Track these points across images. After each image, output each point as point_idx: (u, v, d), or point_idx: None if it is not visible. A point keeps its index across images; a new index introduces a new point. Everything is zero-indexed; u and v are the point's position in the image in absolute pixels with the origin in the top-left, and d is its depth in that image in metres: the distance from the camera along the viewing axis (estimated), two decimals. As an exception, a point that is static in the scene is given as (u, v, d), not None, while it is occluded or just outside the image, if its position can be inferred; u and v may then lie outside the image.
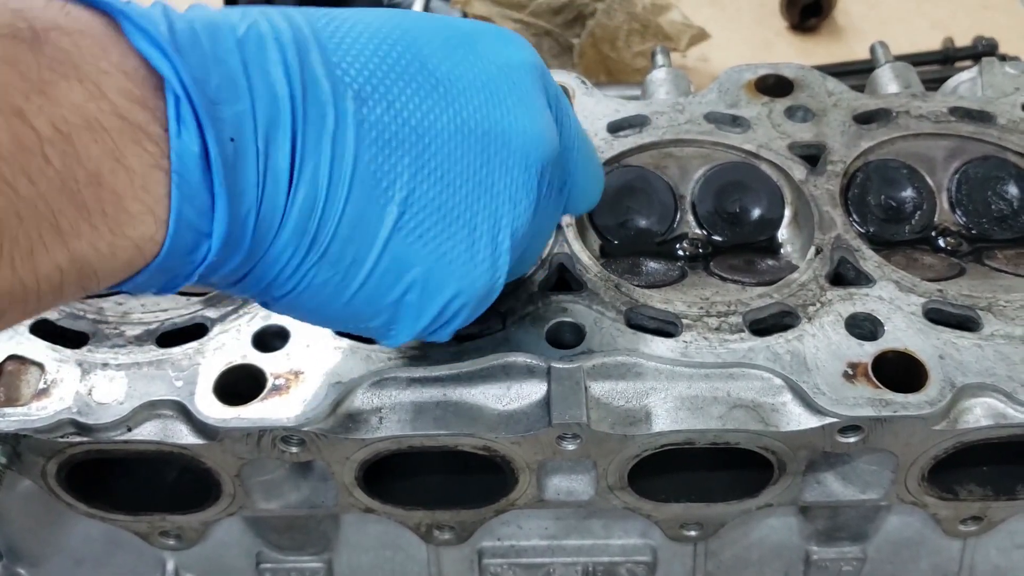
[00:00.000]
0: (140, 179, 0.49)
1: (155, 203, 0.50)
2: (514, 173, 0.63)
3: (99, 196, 0.47)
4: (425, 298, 0.62)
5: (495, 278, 0.64)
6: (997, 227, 0.91)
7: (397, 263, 0.59)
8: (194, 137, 0.50)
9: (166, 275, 0.54)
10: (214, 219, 0.52)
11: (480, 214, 0.62)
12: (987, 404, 0.74)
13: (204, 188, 0.51)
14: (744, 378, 0.75)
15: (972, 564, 0.91)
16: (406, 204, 0.58)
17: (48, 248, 0.46)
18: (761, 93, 0.98)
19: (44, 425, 0.73)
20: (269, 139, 0.53)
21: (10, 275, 0.45)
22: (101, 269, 0.49)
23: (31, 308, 0.48)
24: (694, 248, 0.91)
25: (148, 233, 0.50)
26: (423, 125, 0.59)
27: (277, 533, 0.90)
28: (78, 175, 0.47)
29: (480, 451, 0.75)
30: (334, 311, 0.61)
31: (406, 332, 0.63)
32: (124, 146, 0.48)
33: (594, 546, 0.92)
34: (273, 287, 0.58)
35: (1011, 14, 1.87)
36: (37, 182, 0.45)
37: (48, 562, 0.92)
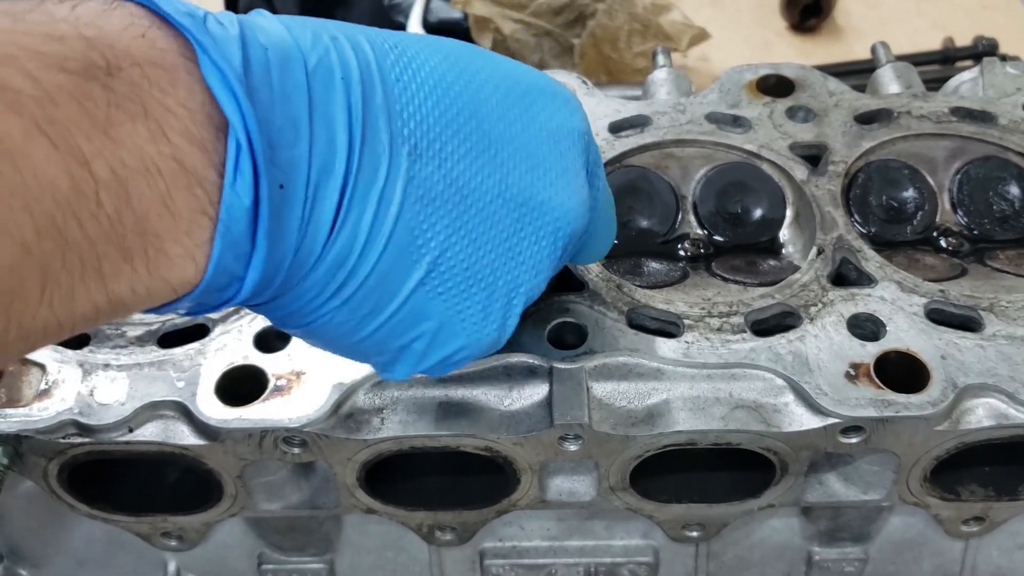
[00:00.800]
0: (185, 224, 0.48)
1: (196, 248, 0.49)
2: (542, 243, 0.63)
3: (143, 241, 0.47)
4: (432, 348, 0.62)
5: (501, 338, 0.65)
6: (999, 227, 0.91)
7: (413, 315, 0.60)
8: (248, 188, 0.49)
9: (189, 306, 0.53)
10: (250, 265, 0.52)
11: (502, 278, 0.62)
12: (989, 405, 0.74)
13: (247, 238, 0.51)
14: (746, 379, 0.75)
15: (974, 565, 0.91)
16: (435, 264, 0.58)
17: (88, 290, 0.46)
18: (762, 93, 0.98)
19: (45, 426, 0.73)
20: (319, 187, 0.52)
21: (47, 315, 0.45)
22: (134, 307, 0.49)
23: (58, 340, 0.48)
24: (696, 248, 0.91)
25: (186, 277, 0.50)
26: (469, 187, 0.58)
27: (279, 534, 0.90)
28: (126, 220, 0.46)
29: (482, 452, 0.75)
30: (342, 347, 0.62)
31: (404, 372, 0.64)
32: (176, 192, 0.48)
33: (596, 547, 0.92)
34: (290, 318, 0.59)
35: (1011, 14, 1.87)
36: (86, 227, 0.44)
37: (50, 563, 0.92)
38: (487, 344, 0.64)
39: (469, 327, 0.62)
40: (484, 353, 0.65)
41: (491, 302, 0.62)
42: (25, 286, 0.43)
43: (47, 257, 0.43)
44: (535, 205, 0.62)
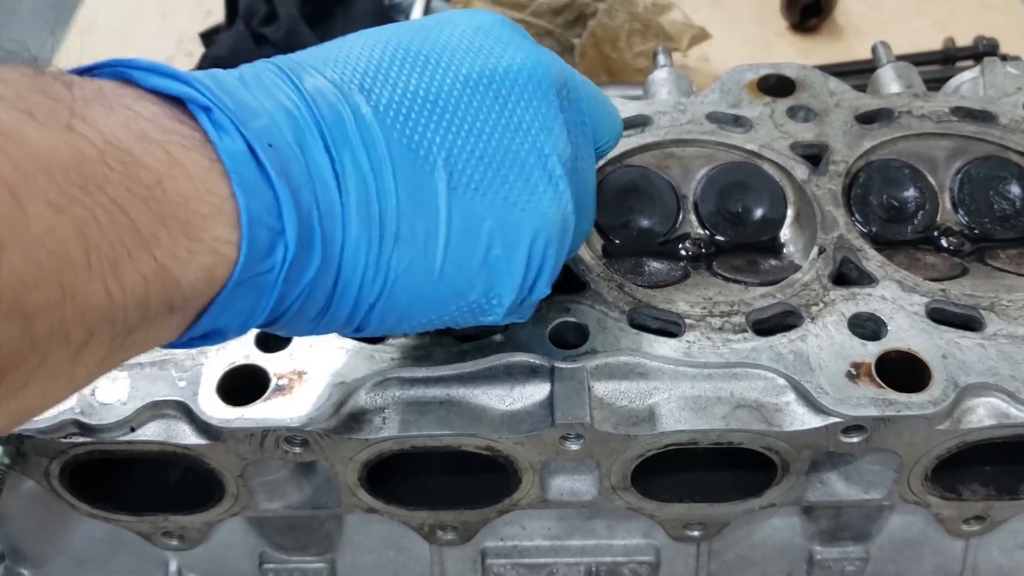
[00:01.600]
0: (201, 182, 0.49)
1: (222, 203, 0.50)
2: (533, 103, 0.64)
3: (167, 199, 0.48)
4: (509, 248, 0.62)
5: (563, 206, 0.64)
6: (999, 227, 0.91)
7: (468, 221, 0.60)
8: (236, 139, 0.51)
9: (250, 291, 0.53)
10: (282, 215, 0.52)
11: (522, 151, 0.63)
12: (990, 404, 0.74)
13: (263, 183, 0.52)
14: (747, 378, 0.75)
15: (975, 564, 0.91)
16: (450, 164, 0.60)
17: (132, 255, 0.46)
18: (763, 93, 0.98)
19: (47, 425, 0.73)
20: (301, 143, 0.55)
21: (99, 288, 0.45)
22: (183, 278, 0.49)
23: (119, 330, 0.47)
24: (697, 248, 0.91)
25: (222, 235, 0.50)
26: (431, 92, 0.60)
27: (280, 533, 0.90)
28: (143, 179, 0.47)
29: (483, 451, 0.75)
30: (430, 295, 0.61)
31: (508, 292, 0.63)
32: (177, 152, 0.49)
33: (597, 546, 0.92)
34: (363, 292, 0.59)
35: (1011, 14, 1.86)
36: (106, 188, 0.45)
37: (51, 562, 0.92)
38: (554, 218, 0.64)
39: (526, 208, 0.62)
40: (562, 234, 0.64)
41: (528, 175, 0.63)
42: (69, 251, 0.43)
43: (81, 220, 0.43)
44: (500, 76, 0.63)
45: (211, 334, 0.55)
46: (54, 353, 0.44)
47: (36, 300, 0.42)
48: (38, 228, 0.41)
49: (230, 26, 1.70)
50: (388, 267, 0.58)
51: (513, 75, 0.63)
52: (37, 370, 0.44)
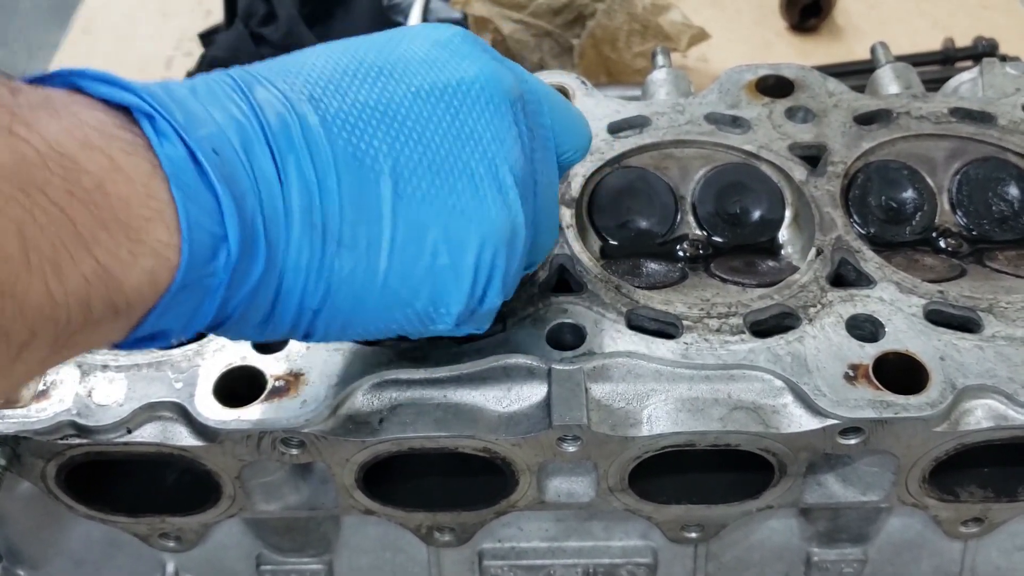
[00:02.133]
0: (143, 187, 0.50)
1: (163, 207, 0.51)
2: (485, 114, 0.64)
3: (108, 203, 0.48)
4: (455, 256, 0.62)
5: (512, 215, 0.64)
6: (998, 228, 0.91)
7: (413, 230, 0.61)
8: (177, 145, 0.52)
9: (193, 295, 0.54)
10: (224, 219, 0.53)
11: (472, 160, 0.63)
12: (988, 406, 0.74)
13: (204, 188, 0.53)
14: (745, 380, 0.75)
15: (973, 566, 0.91)
16: (396, 173, 0.60)
17: (73, 256, 0.46)
18: (761, 94, 0.98)
19: (44, 427, 0.73)
20: (247, 150, 0.55)
21: (40, 288, 0.45)
22: (126, 281, 0.49)
23: (61, 330, 0.48)
24: (694, 249, 0.91)
25: (163, 238, 0.51)
26: (381, 103, 0.61)
27: (277, 535, 0.90)
28: (84, 182, 0.47)
29: (480, 453, 0.75)
30: (373, 303, 0.61)
31: (455, 301, 0.63)
32: (119, 158, 0.50)
33: (595, 548, 0.92)
34: (306, 297, 0.59)
35: (1011, 14, 1.86)
36: (47, 191, 0.45)
37: (48, 564, 0.92)
38: (502, 227, 0.64)
39: (473, 217, 0.62)
40: (510, 243, 0.64)
41: (477, 184, 0.63)
42: (6, 248, 0.43)
43: (19, 220, 0.44)
44: (452, 87, 0.64)
45: (155, 335, 0.56)
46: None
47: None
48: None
49: (229, 26, 1.70)
50: (331, 272, 0.59)
51: (466, 87, 0.64)
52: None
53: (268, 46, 1.61)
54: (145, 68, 1.85)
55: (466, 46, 0.67)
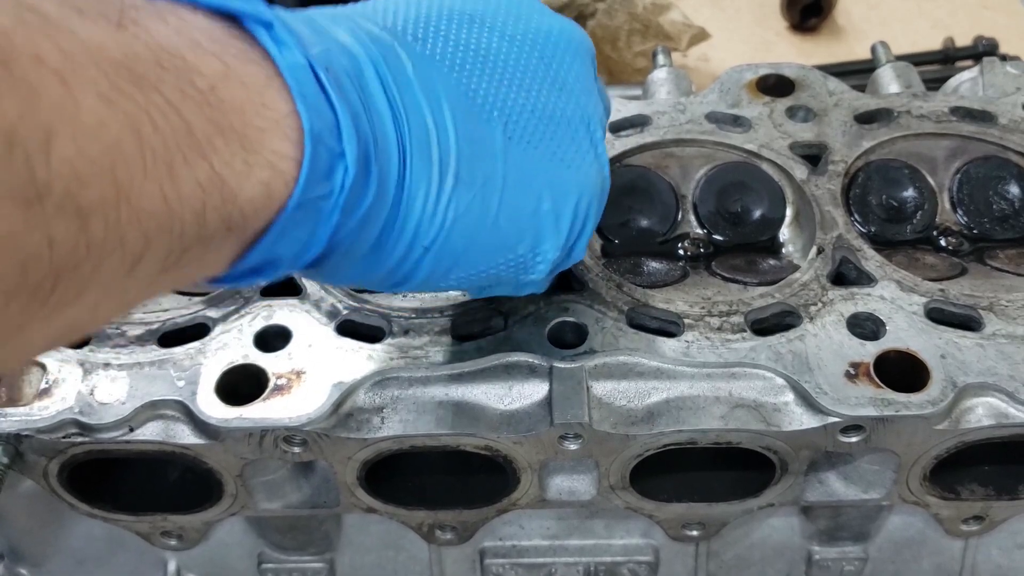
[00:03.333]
0: (257, 96, 0.48)
1: (281, 118, 0.48)
2: (575, 67, 0.66)
3: (223, 108, 0.45)
4: (558, 203, 0.63)
5: (603, 168, 0.67)
6: (998, 227, 0.91)
7: (523, 172, 0.61)
8: (298, 54, 0.50)
9: (308, 216, 0.51)
10: (342, 137, 0.51)
11: (567, 110, 0.64)
12: (989, 404, 0.74)
13: (324, 103, 0.51)
14: (746, 378, 0.75)
15: (974, 564, 0.91)
16: (505, 115, 0.61)
17: (187, 160, 0.43)
18: (762, 93, 0.98)
19: (46, 425, 0.73)
20: (357, 76, 0.54)
21: (155, 190, 0.42)
22: (241, 192, 0.46)
23: (174, 243, 0.44)
24: (696, 248, 0.91)
25: (281, 149, 0.48)
26: (481, 47, 0.61)
27: (279, 533, 0.90)
28: (199, 84, 0.44)
29: (482, 451, 0.75)
30: (483, 243, 0.62)
31: (553, 248, 0.65)
32: (232, 63, 0.47)
33: (596, 546, 0.92)
34: (421, 232, 0.58)
35: (1011, 14, 1.86)
36: (160, 88, 0.42)
37: (50, 562, 0.92)
38: (596, 181, 0.66)
39: (572, 166, 0.64)
40: (600, 197, 0.67)
41: (574, 135, 0.64)
42: (123, 147, 0.40)
43: (133, 116, 0.41)
44: (544, 38, 0.65)
45: (264, 266, 0.52)
46: (109, 260, 0.41)
47: (90, 196, 0.39)
48: (89, 119, 0.39)
49: (230, 26, 1.70)
50: (448, 208, 0.58)
51: (555, 38, 0.65)
52: (92, 278, 0.41)
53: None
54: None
55: (539, 2, 0.67)
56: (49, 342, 0.44)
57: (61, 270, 0.39)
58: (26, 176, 0.36)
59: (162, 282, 0.47)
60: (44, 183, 0.37)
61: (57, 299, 0.40)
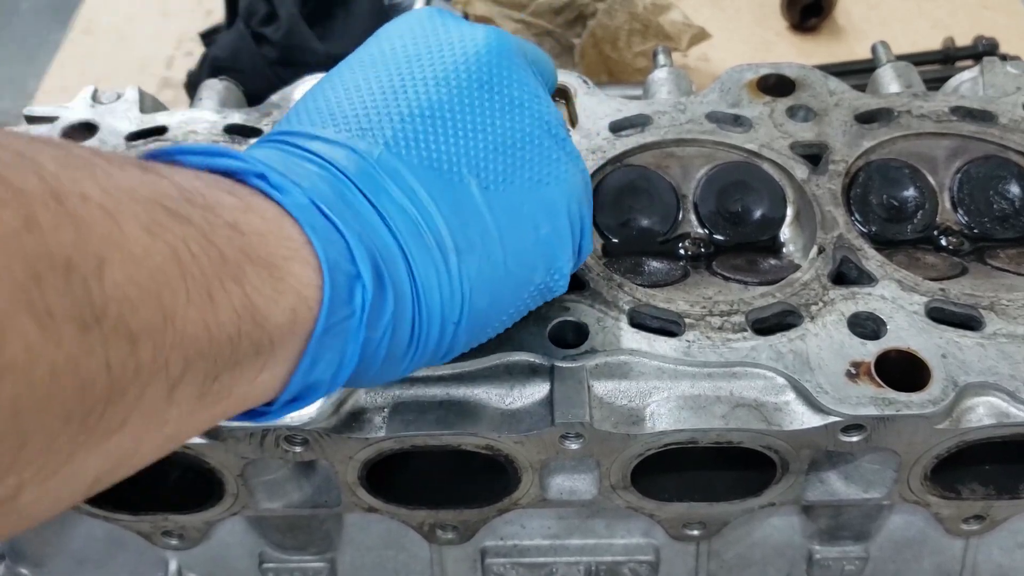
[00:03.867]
0: (276, 227, 0.50)
1: (299, 247, 0.51)
2: (515, 75, 0.65)
3: (249, 240, 0.48)
4: (553, 221, 0.64)
5: (578, 164, 0.67)
6: (999, 226, 0.91)
7: (510, 212, 0.62)
8: (297, 194, 0.53)
9: (337, 339, 0.53)
10: (355, 258, 0.53)
11: (525, 126, 0.64)
12: (990, 403, 0.74)
13: (332, 230, 0.53)
14: (747, 377, 0.75)
15: (975, 563, 0.91)
16: (474, 167, 0.61)
17: (224, 286, 0.46)
18: (763, 93, 0.98)
19: (47, 425, 0.73)
20: (342, 197, 0.56)
21: (196, 315, 0.44)
22: (270, 316, 0.48)
23: (210, 367, 0.46)
24: (696, 248, 0.91)
25: (304, 277, 0.50)
26: (422, 108, 0.61)
27: (280, 533, 0.90)
28: (225, 216, 0.47)
29: (483, 450, 0.75)
30: (504, 292, 0.63)
31: (565, 262, 0.66)
32: (249, 200, 0.50)
33: (597, 545, 0.92)
34: (446, 312, 0.59)
35: (1011, 14, 1.87)
36: (192, 221, 0.45)
37: (50, 562, 0.92)
38: (579, 180, 0.67)
39: (551, 180, 0.65)
40: (584, 191, 0.68)
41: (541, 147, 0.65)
42: (166, 273, 0.42)
43: (173, 246, 0.43)
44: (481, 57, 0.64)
45: (304, 392, 0.55)
46: (153, 385, 0.43)
47: (140, 320, 0.41)
48: (135, 247, 0.41)
49: (230, 26, 1.70)
50: (460, 279, 0.59)
51: (483, 57, 0.64)
52: (136, 405, 0.42)
53: (269, 46, 1.61)
54: (145, 68, 1.85)
55: (450, 19, 0.67)
56: (98, 478, 0.44)
57: (111, 396, 0.40)
58: (84, 300, 0.38)
59: (198, 412, 0.48)
60: (100, 307, 0.39)
61: (104, 426, 0.41)
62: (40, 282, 0.36)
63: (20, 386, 0.36)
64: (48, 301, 0.37)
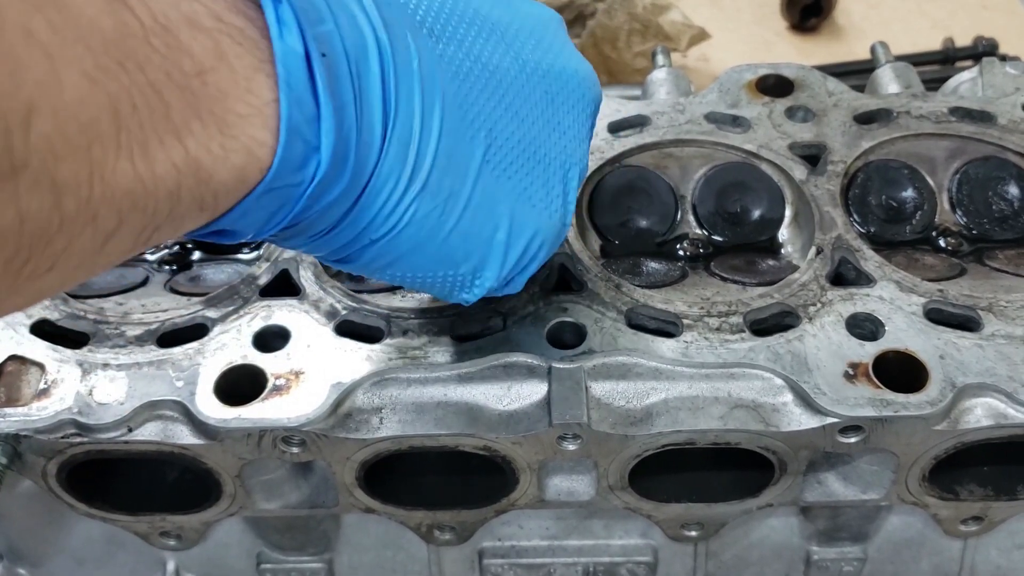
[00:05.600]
0: (244, 81, 0.48)
1: (263, 106, 0.49)
2: (575, 112, 0.66)
3: (206, 93, 0.46)
4: (512, 236, 0.63)
5: (565, 219, 0.67)
6: (998, 227, 0.91)
7: (488, 198, 0.61)
8: (297, 39, 0.50)
9: (274, 200, 0.52)
10: (321, 130, 0.51)
11: (551, 152, 0.64)
12: (988, 404, 0.74)
13: (309, 95, 0.51)
14: (745, 378, 0.75)
15: (973, 564, 0.91)
16: (491, 138, 0.60)
17: (163, 142, 0.44)
18: (762, 93, 0.98)
19: (45, 425, 0.73)
20: (359, 62, 0.53)
21: (128, 169, 0.42)
22: (215, 174, 0.47)
23: (148, 221, 0.45)
24: (695, 248, 0.91)
25: (258, 137, 0.49)
26: (491, 63, 0.61)
27: (278, 533, 0.90)
28: (185, 66, 0.45)
29: (481, 451, 0.75)
30: (430, 251, 0.61)
31: (492, 274, 0.64)
32: (225, 45, 0.47)
33: (595, 546, 0.92)
34: (374, 225, 0.58)
35: (1011, 14, 1.86)
36: (145, 69, 0.43)
37: (49, 562, 0.92)
38: (555, 227, 0.66)
39: (536, 208, 0.64)
40: (554, 242, 0.67)
41: (549, 177, 0.64)
42: (100, 125, 0.41)
43: (114, 96, 0.41)
44: (556, 75, 0.64)
45: (226, 232, 0.54)
46: (81, 238, 0.42)
47: (64, 172, 0.39)
48: (71, 96, 0.39)
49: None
50: (406, 209, 0.58)
51: (567, 78, 0.65)
52: (63, 254, 0.42)
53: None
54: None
55: (564, 35, 0.67)
56: (12, 310, 0.44)
57: (34, 245, 0.40)
58: (3, 150, 0.37)
59: (131, 252, 0.48)
60: (21, 158, 0.37)
61: (28, 272, 0.41)
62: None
63: None
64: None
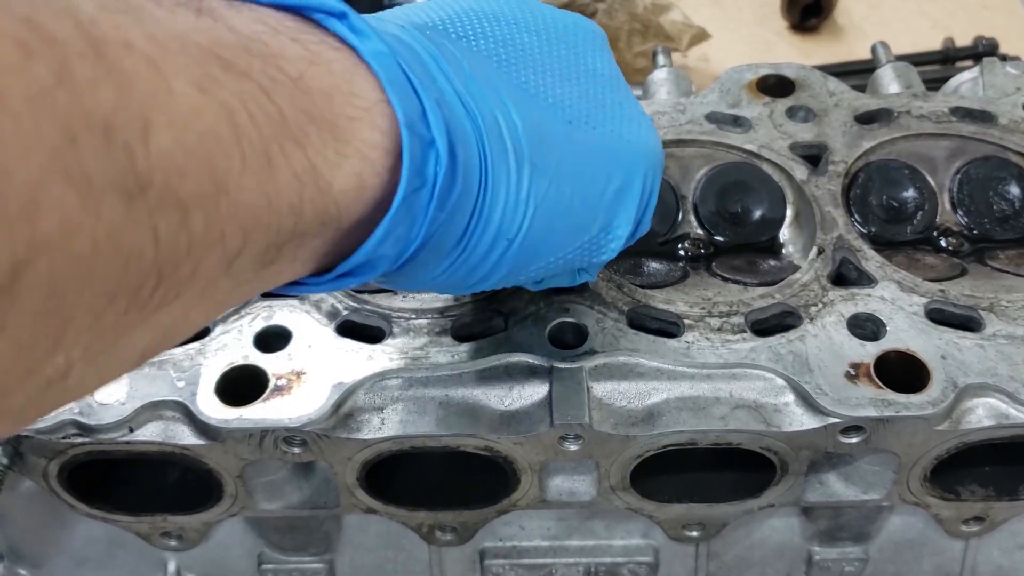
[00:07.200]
0: (345, 83, 0.46)
1: (370, 106, 0.47)
2: (599, 54, 0.66)
3: (312, 97, 0.44)
4: (626, 179, 0.63)
5: (658, 141, 0.67)
6: (999, 227, 0.91)
7: (588, 155, 0.61)
8: (378, 42, 0.48)
9: (408, 213, 0.49)
10: (430, 124, 0.49)
11: (607, 94, 0.64)
12: (989, 404, 0.74)
13: (409, 89, 0.48)
14: (746, 378, 0.75)
15: (974, 564, 0.91)
16: (560, 101, 0.60)
17: (283, 149, 0.41)
18: (762, 93, 0.98)
19: (46, 426, 0.73)
20: (424, 67, 0.52)
21: (253, 184, 0.40)
22: (334, 181, 0.44)
23: (271, 239, 0.42)
24: (696, 248, 0.91)
25: (372, 140, 0.46)
26: (517, 42, 0.61)
27: (279, 534, 0.90)
28: (288, 70, 0.43)
29: (482, 452, 0.75)
30: (561, 229, 0.60)
31: (624, 224, 0.64)
32: (315, 49, 0.45)
33: (596, 547, 0.92)
34: (505, 222, 0.55)
35: (1011, 14, 1.86)
36: (252, 75, 0.40)
37: (50, 563, 0.92)
38: (658, 150, 0.68)
39: (634, 142, 0.64)
40: (659, 168, 0.68)
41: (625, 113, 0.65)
42: (218, 135, 0.38)
43: (228, 105, 0.39)
44: (570, 30, 0.65)
45: (363, 267, 0.50)
46: (209, 258, 0.39)
47: (189, 188, 0.36)
48: (184, 107, 0.37)
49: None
50: (529, 197, 0.56)
51: (573, 30, 0.65)
52: (191, 278, 0.39)
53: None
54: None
55: (546, 4, 0.68)
56: (146, 351, 0.41)
57: (163, 269, 0.37)
58: (127, 167, 0.34)
59: (254, 282, 0.45)
60: (145, 175, 0.35)
61: (157, 302, 0.38)
62: (76, 146, 0.32)
63: (58, 263, 0.32)
64: (86, 167, 0.32)
